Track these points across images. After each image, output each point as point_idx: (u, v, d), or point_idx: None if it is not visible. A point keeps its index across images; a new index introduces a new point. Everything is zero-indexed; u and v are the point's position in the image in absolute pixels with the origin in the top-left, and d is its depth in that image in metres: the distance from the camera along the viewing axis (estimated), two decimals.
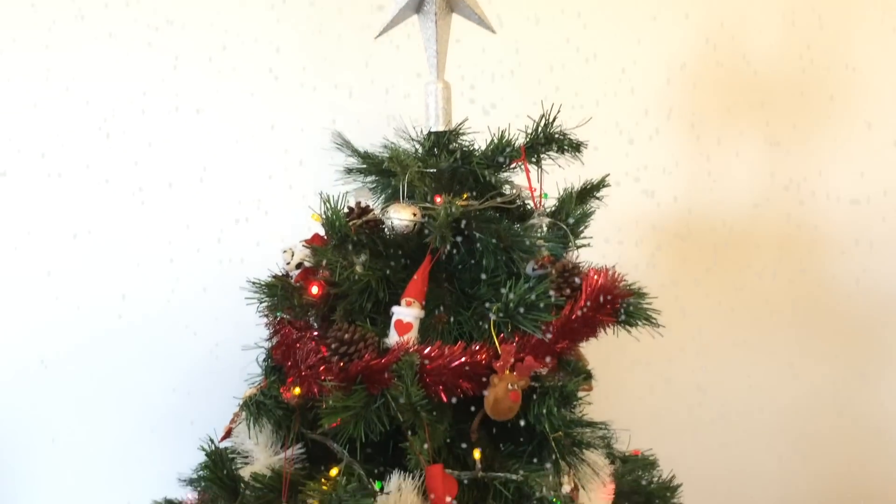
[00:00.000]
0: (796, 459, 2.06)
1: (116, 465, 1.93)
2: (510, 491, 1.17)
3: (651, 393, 2.00)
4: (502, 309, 1.21)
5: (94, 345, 1.92)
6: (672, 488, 1.47)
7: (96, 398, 1.94)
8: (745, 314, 2.07)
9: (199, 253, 1.93)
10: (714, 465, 1.96)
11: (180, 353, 1.92)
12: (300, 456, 1.29)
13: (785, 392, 2.07)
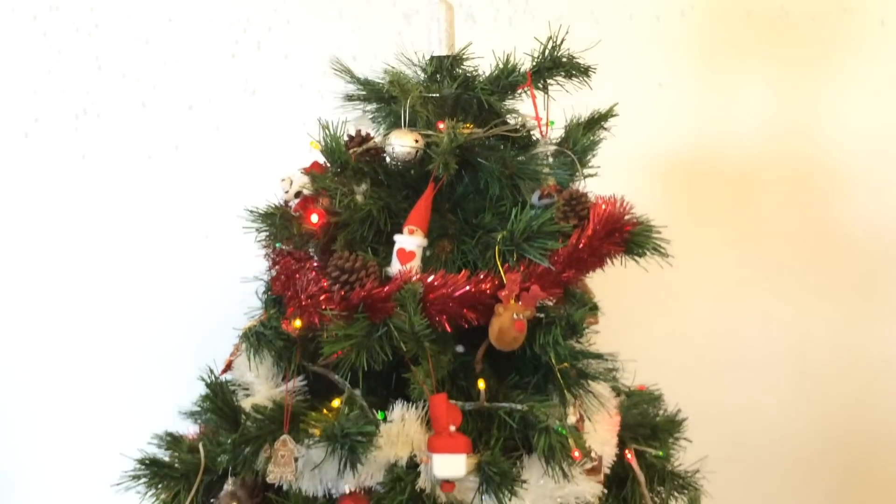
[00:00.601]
0: (801, 397, 2.05)
1: (117, 401, 1.93)
2: (515, 420, 1.15)
3: (656, 329, 1.98)
4: (507, 237, 1.18)
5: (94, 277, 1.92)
6: (677, 422, 1.46)
7: (94, 337, 1.95)
8: (755, 252, 2.04)
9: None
10: (719, 401, 1.95)
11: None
12: (301, 388, 1.28)
13: (793, 330, 2.05)
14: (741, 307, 2.04)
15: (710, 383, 1.98)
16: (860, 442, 2.05)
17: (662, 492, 1.38)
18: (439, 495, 1.11)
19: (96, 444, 1.92)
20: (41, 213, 1.93)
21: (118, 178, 1.93)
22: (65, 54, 1.89)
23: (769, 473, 2.02)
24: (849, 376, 2.05)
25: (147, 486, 1.26)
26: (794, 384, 2.05)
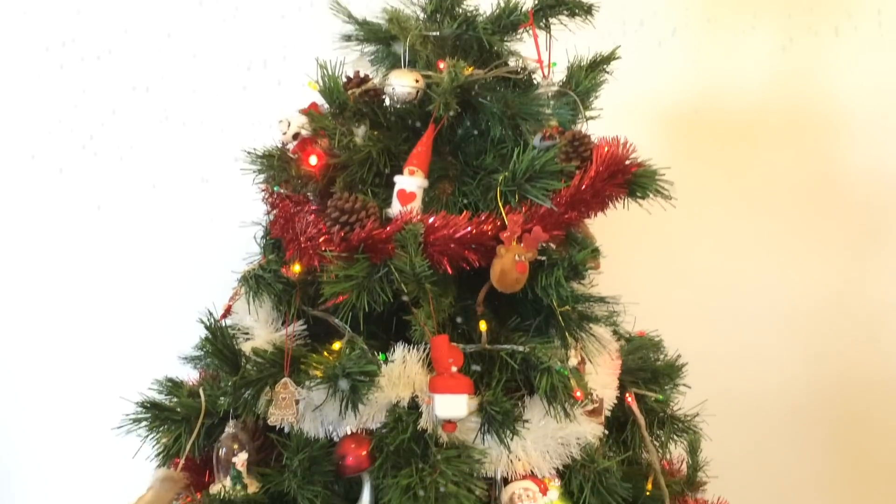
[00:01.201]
0: (798, 344, 2.06)
1: (117, 348, 1.94)
2: (517, 362, 1.15)
3: (655, 276, 1.97)
4: (509, 177, 1.16)
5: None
6: (677, 367, 1.46)
7: (95, 284, 1.95)
8: (755, 199, 2.03)
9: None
10: (717, 348, 1.95)
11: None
12: (301, 332, 1.27)
13: (791, 277, 2.05)
14: (740, 254, 2.03)
15: (709, 330, 1.97)
16: (855, 388, 2.06)
17: (662, 435, 1.39)
18: (441, 436, 1.11)
19: (97, 389, 1.92)
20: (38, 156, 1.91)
21: (115, 114, 1.91)
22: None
23: (766, 420, 2.03)
24: (846, 323, 2.05)
25: (148, 429, 1.26)
26: (792, 331, 2.05)
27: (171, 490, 1.26)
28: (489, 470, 1.14)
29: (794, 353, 2.08)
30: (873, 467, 2.07)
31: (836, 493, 2.06)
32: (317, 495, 1.13)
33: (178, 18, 1.92)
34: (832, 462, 2.06)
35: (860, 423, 2.07)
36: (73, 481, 1.98)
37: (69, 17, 1.90)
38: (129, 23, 1.92)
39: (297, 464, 1.11)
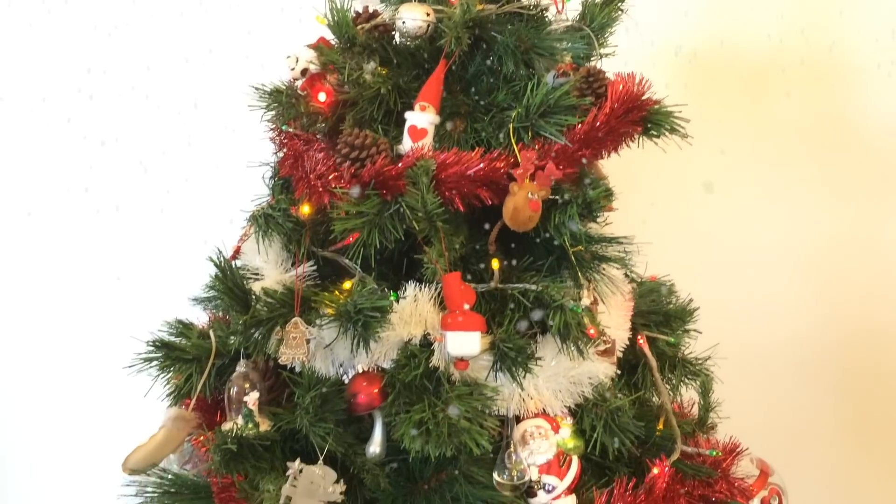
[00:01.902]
0: (810, 293, 2.05)
1: (127, 289, 1.94)
2: (529, 300, 1.14)
3: (669, 222, 1.96)
4: (523, 113, 1.14)
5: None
6: (689, 311, 1.44)
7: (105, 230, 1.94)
8: (768, 145, 2.00)
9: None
10: (730, 294, 1.94)
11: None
12: (311, 273, 1.26)
13: (804, 226, 2.03)
14: (753, 202, 2.01)
15: (721, 277, 1.96)
16: (867, 336, 2.05)
17: (673, 378, 1.38)
18: (453, 373, 1.11)
19: (108, 331, 1.92)
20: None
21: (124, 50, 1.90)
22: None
23: (778, 365, 2.02)
24: (859, 271, 2.04)
25: (159, 368, 1.26)
26: (804, 278, 2.04)
27: (182, 430, 1.26)
28: (501, 408, 1.14)
29: (806, 301, 2.07)
30: (883, 414, 2.07)
31: (845, 439, 2.07)
32: (328, 433, 1.12)
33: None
34: (842, 408, 2.06)
35: (871, 371, 2.07)
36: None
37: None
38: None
39: (309, 401, 1.11)
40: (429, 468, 1.14)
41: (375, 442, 1.16)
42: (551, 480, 1.13)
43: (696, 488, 1.14)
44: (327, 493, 1.12)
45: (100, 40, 1.91)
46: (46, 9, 1.90)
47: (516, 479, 1.12)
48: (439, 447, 1.03)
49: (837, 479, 2.06)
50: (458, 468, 1.12)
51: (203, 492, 1.30)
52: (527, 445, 1.14)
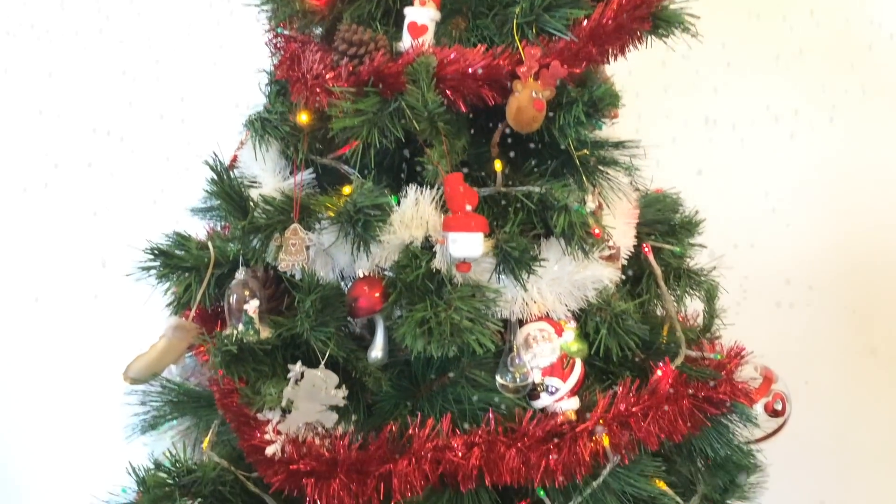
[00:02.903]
0: (824, 215, 2.02)
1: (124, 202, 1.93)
2: (533, 202, 1.11)
3: (680, 127, 1.92)
4: (527, 8, 1.10)
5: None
6: (695, 223, 1.42)
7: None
8: (784, 54, 1.94)
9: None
10: (734, 206, 1.92)
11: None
12: (310, 181, 1.24)
13: (821, 141, 1.99)
14: (765, 108, 1.97)
15: (728, 193, 1.93)
16: (878, 260, 2.03)
17: (678, 289, 1.37)
18: (455, 276, 1.09)
19: (108, 242, 1.92)
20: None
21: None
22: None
23: (785, 282, 2.01)
24: (871, 195, 2.01)
25: (158, 277, 1.25)
26: (815, 203, 2.01)
27: (183, 339, 1.25)
28: (504, 311, 1.13)
29: (818, 221, 2.04)
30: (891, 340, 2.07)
31: (853, 362, 2.07)
32: (329, 337, 1.11)
33: None
34: (851, 332, 2.05)
35: (880, 295, 2.05)
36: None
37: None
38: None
39: (309, 305, 1.09)
40: (431, 371, 1.14)
41: (377, 347, 1.15)
42: (554, 382, 1.12)
43: (699, 390, 1.13)
44: (329, 396, 1.12)
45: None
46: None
47: (519, 381, 1.11)
48: (441, 347, 1.02)
49: (844, 401, 2.07)
50: (461, 371, 1.11)
51: (206, 401, 1.31)
52: (530, 349, 1.13)
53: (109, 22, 1.90)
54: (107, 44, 1.90)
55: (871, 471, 2.10)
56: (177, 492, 1.11)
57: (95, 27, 1.90)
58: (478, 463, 1.06)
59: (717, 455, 1.22)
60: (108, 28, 1.90)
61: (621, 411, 1.10)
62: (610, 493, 1.13)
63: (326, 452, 1.08)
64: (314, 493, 1.06)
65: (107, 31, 1.90)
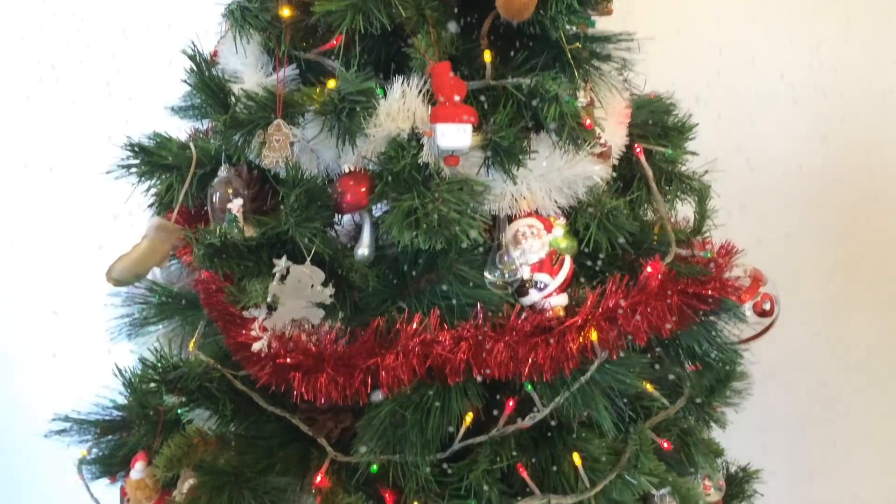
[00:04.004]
0: (817, 128, 2.00)
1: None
2: (523, 93, 1.08)
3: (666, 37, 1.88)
4: None
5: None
6: (688, 126, 1.39)
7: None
8: None
9: None
10: (728, 113, 1.89)
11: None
12: (293, 77, 1.19)
13: (811, 48, 1.95)
14: (762, 29, 1.92)
15: (718, 95, 1.90)
16: (866, 173, 2.02)
17: (669, 192, 1.35)
18: (443, 169, 1.06)
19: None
20: None
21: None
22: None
23: (779, 202, 2.00)
24: (862, 101, 1.98)
25: (139, 175, 1.22)
26: (806, 107, 1.98)
27: (166, 241, 1.23)
28: (493, 207, 1.11)
29: (807, 131, 2.03)
30: (881, 254, 2.07)
31: (840, 273, 2.07)
32: (315, 234, 1.09)
33: None
34: (838, 242, 2.05)
35: (869, 214, 2.05)
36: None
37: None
38: None
39: (294, 199, 1.07)
40: (418, 268, 1.12)
41: (364, 244, 1.13)
42: (543, 278, 1.11)
43: (688, 287, 1.12)
44: (315, 293, 1.10)
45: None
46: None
47: (507, 277, 1.10)
48: (429, 239, 1.00)
49: (830, 312, 2.09)
50: (448, 266, 1.09)
51: (192, 303, 1.29)
52: (519, 245, 1.12)
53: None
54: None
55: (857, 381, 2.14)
56: (163, 388, 1.10)
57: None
58: (465, 357, 1.06)
59: (704, 354, 1.22)
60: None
61: (610, 307, 1.09)
62: (597, 389, 1.13)
63: (313, 347, 1.07)
64: (301, 387, 1.05)
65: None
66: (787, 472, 2.11)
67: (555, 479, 1.18)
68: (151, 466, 1.21)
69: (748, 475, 1.51)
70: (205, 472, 1.10)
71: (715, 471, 1.38)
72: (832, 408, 2.14)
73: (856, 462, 2.20)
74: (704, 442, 1.35)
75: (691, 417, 1.38)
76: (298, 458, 1.18)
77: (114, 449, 1.36)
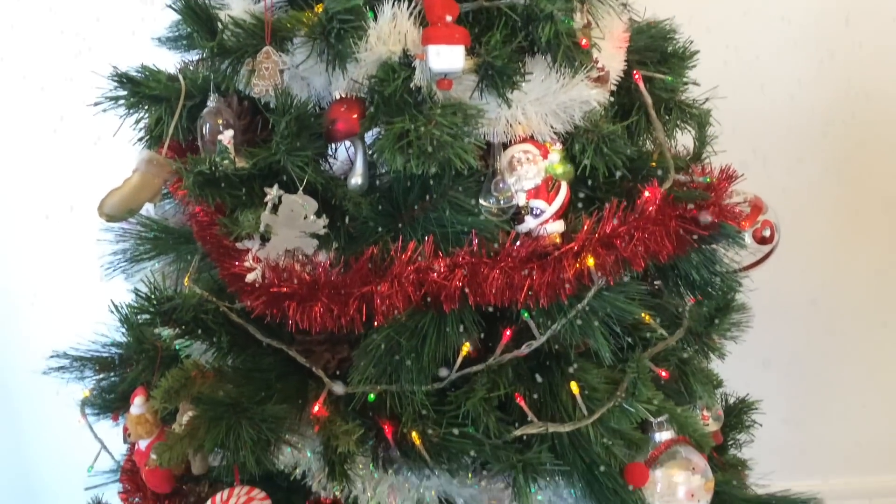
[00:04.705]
0: (814, 66, 1.97)
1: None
2: (517, 13, 1.05)
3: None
4: None
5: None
6: (690, 53, 1.36)
7: None
8: None
9: None
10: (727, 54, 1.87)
11: None
12: (281, 3, 1.16)
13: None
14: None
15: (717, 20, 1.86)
16: (869, 108, 1.99)
17: (669, 121, 1.32)
18: (435, 93, 1.04)
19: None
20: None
21: None
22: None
23: (775, 141, 1.98)
24: (857, 32, 1.94)
25: (127, 107, 1.19)
26: (808, 45, 1.94)
27: (157, 175, 1.21)
28: (487, 132, 1.09)
29: (809, 67, 1.99)
30: (881, 185, 2.05)
31: (834, 209, 2.06)
32: (306, 163, 1.08)
33: None
34: (841, 178, 2.03)
35: (867, 155, 2.02)
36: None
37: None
38: None
39: (285, 126, 1.05)
40: (412, 196, 1.11)
41: (357, 172, 1.12)
42: (539, 204, 1.09)
43: (687, 212, 1.11)
44: (308, 223, 1.09)
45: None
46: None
47: (503, 203, 1.09)
48: (423, 164, 0.98)
49: (833, 246, 2.08)
50: (443, 192, 1.08)
51: (185, 238, 1.28)
52: (514, 172, 1.10)
53: None
54: None
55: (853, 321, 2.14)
56: (158, 318, 1.10)
57: None
58: (461, 284, 1.05)
59: (703, 282, 1.21)
60: None
61: (607, 233, 1.08)
62: (595, 317, 1.12)
63: (307, 276, 1.06)
64: (296, 316, 1.05)
65: None
66: (784, 408, 2.12)
67: (552, 408, 1.18)
68: (151, 401, 1.21)
69: (747, 406, 1.51)
70: (203, 403, 1.10)
71: (713, 401, 1.39)
72: (832, 343, 2.14)
73: (855, 400, 2.21)
74: (703, 372, 1.35)
75: (690, 349, 1.38)
76: (296, 391, 1.18)
77: (113, 385, 1.37)
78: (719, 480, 1.32)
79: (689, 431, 1.26)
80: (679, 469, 1.20)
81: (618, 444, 1.19)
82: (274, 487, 1.27)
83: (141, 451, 1.31)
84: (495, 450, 1.13)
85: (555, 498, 1.22)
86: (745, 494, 1.40)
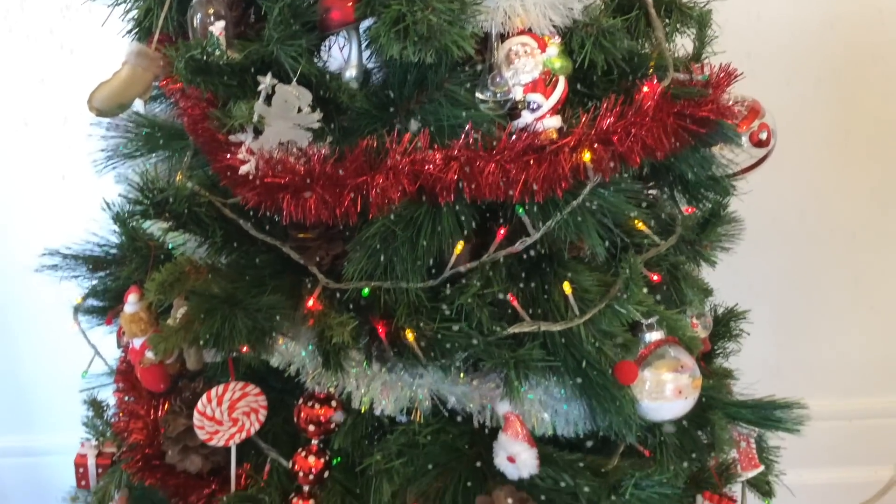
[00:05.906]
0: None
1: None
2: None
3: None
4: None
5: None
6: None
7: None
8: None
9: None
10: None
11: None
12: None
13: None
14: None
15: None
16: (870, 48, 1.96)
17: (669, 24, 1.30)
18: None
19: None
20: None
21: None
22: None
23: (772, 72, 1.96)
24: None
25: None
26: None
27: (147, 69, 1.18)
28: (485, 23, 1.07)
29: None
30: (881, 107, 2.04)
31: (840, 127, 2.04)
32: (300, 53, 1.05)
33: None
34: (839, 94, 2.01)
35: (863, 61, 2.00)
36: None
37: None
38: None
39: (278, 12, 1.03)
40: (408, 88, 1.09)
41: (352, 64, 1.10)
42: (536, 98, 1.08)
43: (685, 108, 1.10)
44: (302, 116, 1.08)
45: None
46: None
47: (499, 97, 1.07)
48: (418, 51, 0.97)
49: (827, 165, 2.07)
50: (439, 83, 1.06)
51: (178, 133, 1.26)
52: (511, 65, 1.08)
53: None
54: None
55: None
56: (151, 210, 1.09)
57: None
58: (456, 176, 1.04)
59: (698, 184, 1.21)
60: None
61: (604, 128, 1.07)
62: (590, 215, 1.12)
63: (301, 168, 1.05)
64: (290, 207, 1.04)
65: None
66: (774, 326, 2.15)
67: (545, 307, 1.19)
68: (145, 295, 1.21)
69: (735, 315, 1.53)
70: (197, 296, 1.11)
71: (703, 307, 1.40)
72: (825, 263, 2.15)
73: (847, 320, 2.23)
74: (693, 278, 1.36)
75: (682, 256, 1.39)
76: (290, 287, 1.18)
77: (107, 288, 1.37)
78: (706, 386, 1.35)
79: (679, 334, 1.27)
80: (668, 368, 1.22)
81: (608, 345, 1.21)
82: (268, 388, 1.29)
83: (135, 350, 1.31)
84: (488, 346, 1.14)
85: (545, 397, 1.24)
86: (730, 399, 1.42)
